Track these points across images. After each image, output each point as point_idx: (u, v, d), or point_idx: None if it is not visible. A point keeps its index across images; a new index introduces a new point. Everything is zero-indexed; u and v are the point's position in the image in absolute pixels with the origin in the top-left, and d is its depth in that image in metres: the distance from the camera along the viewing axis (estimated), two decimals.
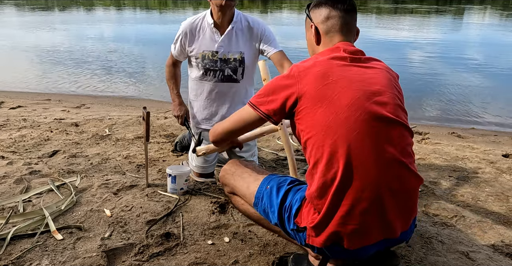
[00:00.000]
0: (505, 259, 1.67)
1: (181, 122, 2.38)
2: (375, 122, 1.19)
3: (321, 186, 1.19)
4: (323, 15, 1.36)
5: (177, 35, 2.21)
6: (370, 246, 1.21)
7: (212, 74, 2.20)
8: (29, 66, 7.07)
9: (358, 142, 1.16)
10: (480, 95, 5.42)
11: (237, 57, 2.17)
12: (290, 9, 23.33)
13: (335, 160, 1.17)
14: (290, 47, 8.38)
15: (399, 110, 1.25)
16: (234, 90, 2.25)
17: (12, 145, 2.86)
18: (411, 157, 1.26)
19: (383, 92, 1.24)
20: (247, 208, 1.53)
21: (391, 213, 1.19)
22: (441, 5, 26.51)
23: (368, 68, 1.29)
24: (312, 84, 1.22)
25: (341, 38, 1.35)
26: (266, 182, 1.43)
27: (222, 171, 1.59)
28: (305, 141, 1.24)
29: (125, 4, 26.40)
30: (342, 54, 1.29)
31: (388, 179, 1.18)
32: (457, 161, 2.86)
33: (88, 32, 11.74)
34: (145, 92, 5.58)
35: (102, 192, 2.12)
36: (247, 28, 2.17)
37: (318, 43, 1.40)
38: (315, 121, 1.20)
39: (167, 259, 1.59)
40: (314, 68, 1.25)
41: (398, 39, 10.29)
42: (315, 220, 1.21)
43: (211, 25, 2.13)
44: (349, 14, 1.36)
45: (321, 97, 1.20)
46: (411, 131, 1.28)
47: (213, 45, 2.15)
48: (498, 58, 8.10)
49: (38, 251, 1.59)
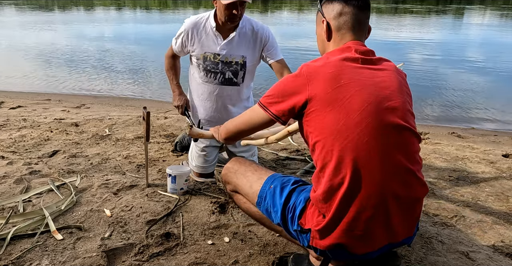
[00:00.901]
0: (505, 259, 1.67)
1: (181, 112, 2.37)
2: (385, 128, 1.18)
3: (327, 190, 1.18)
4: (335, 11, 1.32)
5: (179, 31, 2.20)
6: (374, 251, 1.22)
7: (213, 76, 2.19)
8: (29, 66, 7.07)
9: (367, 148, 1.15)
10: (480, 95, 5.42)
11: (239, 61, 2.17)
12: (290, 9, 23.33)
13: (343, 165, 1.16)
14: (290, 47, 8.39)
15: (408, 115, 1.24)
16: (234, 93, 2.26)
17: (12, 145, 2.86)
18: (419, 164, 1.25)
19: (393, 97, 1.22)
20: (249, 207, 1.53)
21: (396, 220, 1.20)
22: (441, 4, 26.51)
23: (379, 70, 1.27)
24: (323, 86, 1.19)
25: (352, 36, 1.32)
26: (270, 181, 1.43)
27: (225, 169, 1.59)
28: (314, 143, 1.23)
29: (125, 4, 26.40)
30: (354, 55, 1.26)
31: (394, 186, 1.18)
32: (457, 161, 2.86)
33: (88, 32, 11.74)
34: (145, 92, 5.58)
35: (102, 192, 2.12)
36: (251, 32, 2.16)
37: (329, 39, 1.36)
38: (324, 125, 1.19)
39: (167, 259, 1.59)
40: (325, 69, 1.22)
41: (398, 39, 10.29)
42: (320, 223, 1.21)
43: (213, 28, 2.12)
44: (363, 12, 1.31)
45: (332, 101, 1.18)
46: (419, 138, 1.27)
47: (215, 47, 2.15)
48: (498, 58, 8.10)
49: (38, 251, 1.59)
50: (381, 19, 16.62)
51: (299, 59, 6.98)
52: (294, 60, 6.67)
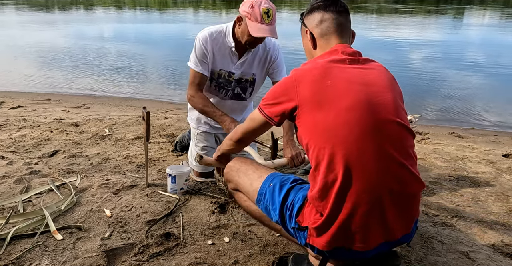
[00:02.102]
0: (505, 259, 1.67)
1: None
2: (377, 124, 1.19)
3: (322, 188, 1.19)
4: (316, 20, 1.38)
5: (198, 50, 2.06)
6: (371, 250, 1.22)
7: (224, 92, 2.23)
8: (29, 66, 7.07)
9: (359, 144, 1.17)
10: (480, 95, 5.42)
11: (249, 78, 2.21)
12: (290, 9, 23.33)
13: (335, 162, 1.17)
14: (290, 47, 8.38)
15: (400, 110, 1.25)
16: (240, 107, 2.31)
17: (12, 145, 2.86)
18: (413, 159, 1.26)
19: (383, 93, 1.24)
20: (249, 205, 1.54)
21: (391, 215, 1.20)
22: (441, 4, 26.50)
23: (367, 69, 1.30)
24: (310, 88, 1.23)
25: (338, 39, 1.37)
26: (270, 180, 1.44)
27: (227, 168, 1.60)
28: (306, 143, 1.25)
29: (125, 4, 26.39)
30: (341, 56, 1.29)
31: (388, 181, 1.18)
32: (457, 161, 2.86)
33: (88, 32, 11.74)
34: (145, 92, 5.57)
35: (102, 192, 2.12)
36: (263, 50, 2.18)
37: (315, 47, 1.41)
38: (314, 125, 1.21)
39: (167, 259, 1.59)
40: (312, 71, 1.26)
41: (398, 40, 10.29)
42: (317, 221, 1.22)
43: (233, 48, 2.08)
44: (342, 15, 1.38)
45: (320, 101, 1.21)
46: (413, 133, 1.28)
47: (231, 66, 2.15)
48: (498, 58, 8.10)
49: (38, 251, 1.59)
50: (381, 19, 16.61)
51: (298, 61, 6.97)
52: (294, 61, 6.67)
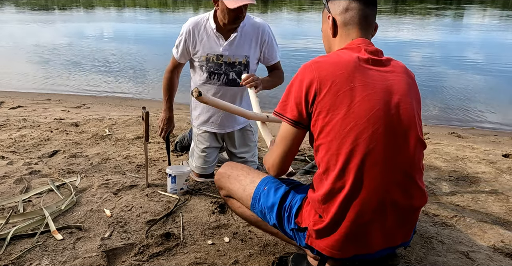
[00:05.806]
0: (505, 259, 1.67)
1: (163, 136, 2.39)
2: (392, 135, 1.17)
3: (327, 193, 1.18)
4: (342, 7, 1.30)
5: (180, 37, 2.17)
6: (372, 254, 1.23)
7: (217, 78, 2.19)
8: (29, 66, 7.07)
9: (372, 155, 1.15)
10: (480, 95, 5.42)
11: (242, 61, 2.16)
12: (290, 9, 23.32)
13: (347, 170, 1.15)
14: (289, 47, 8.38)
15: (415, 121, 1.23)
16: (238, 94, 2.25)
17: (12, 145, 2.86)
18: (421, 171, 1.24)
19: (402, 103, 1.21)
20: (243, 211, 1.52)
21: (393, 227, 1.20)
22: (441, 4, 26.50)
23: (389, 72, 1.25)
24: (333, 86, 1.17)
25: (359, 32, 1.30)
26: (264, 183, 1.43)
27: (217, 175, 1.58)
28: (318, 144, 1.21)
29: (125, 4, 26.39)
30: (364, 55, 1.23)
31: (395, 193, 1.18)
32: (457, 161, 2.86)
33: (88, 32, 11.74)
34: (145, 92, 5.58)
35: (102, 192, 2.12)
36: (252, 31, 2.15)
37: (335, 35, 1.34)
38: (331, 127, 1.17)
39: (167, 259, 1.59)
40: (336, 68, 1.19)
41: (397, 40, 10.29)
42: (317, 223, 1.21)
43: (214, 30, 2.11)
44: (369, 7, 1.30)
45: (341, 103, 1.16)
46: (425, 145, 1.26)
47: (218, 48, 2.14)
48: (498, 58, 8.10)
49: (38, 251, 1.59)
50: (381, 19, 16.62)
51: (298, 61, 6.97)
52: (293, 62, 6.67)
